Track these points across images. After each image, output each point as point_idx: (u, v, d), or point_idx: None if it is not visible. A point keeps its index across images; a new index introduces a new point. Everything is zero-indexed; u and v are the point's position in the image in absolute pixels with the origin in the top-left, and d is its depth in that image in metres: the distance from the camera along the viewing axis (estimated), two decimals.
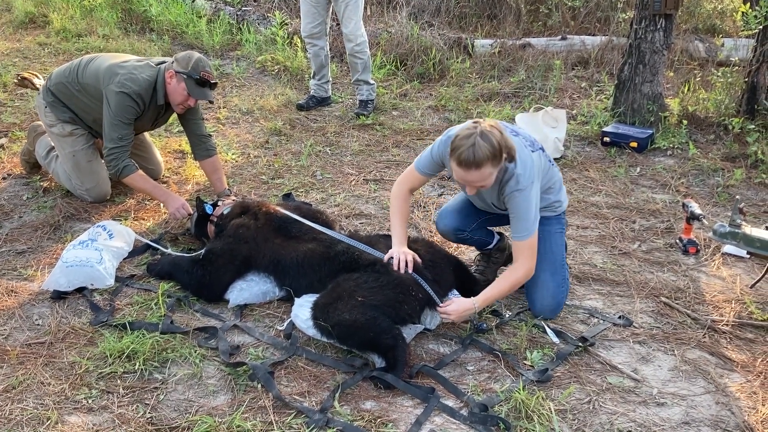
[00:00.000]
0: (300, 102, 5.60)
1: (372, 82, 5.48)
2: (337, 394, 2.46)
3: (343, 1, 5.13)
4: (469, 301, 2.75)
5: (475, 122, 2.63)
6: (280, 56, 6.49)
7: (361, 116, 5.33)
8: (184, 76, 3.53)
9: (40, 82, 4.04)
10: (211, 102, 3.75)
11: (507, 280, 2.82)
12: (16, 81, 4.13)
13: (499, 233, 3.26)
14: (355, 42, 5.27)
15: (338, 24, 5.68)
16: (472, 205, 3.11)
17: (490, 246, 3.22)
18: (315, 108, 5.59)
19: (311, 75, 5.67)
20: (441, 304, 2.76)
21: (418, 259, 2.84)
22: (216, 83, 3.64)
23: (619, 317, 2.98)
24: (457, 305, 2.74)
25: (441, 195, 4.16)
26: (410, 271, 2.78)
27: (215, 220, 3.39)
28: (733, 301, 3.12)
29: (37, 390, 2.49)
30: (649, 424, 2.38)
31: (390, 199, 3.02)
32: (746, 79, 4.93)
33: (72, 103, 3.74)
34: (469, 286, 3.00)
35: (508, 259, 3.31)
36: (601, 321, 2.97)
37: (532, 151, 2.78)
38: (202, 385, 2.55)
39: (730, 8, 7.05)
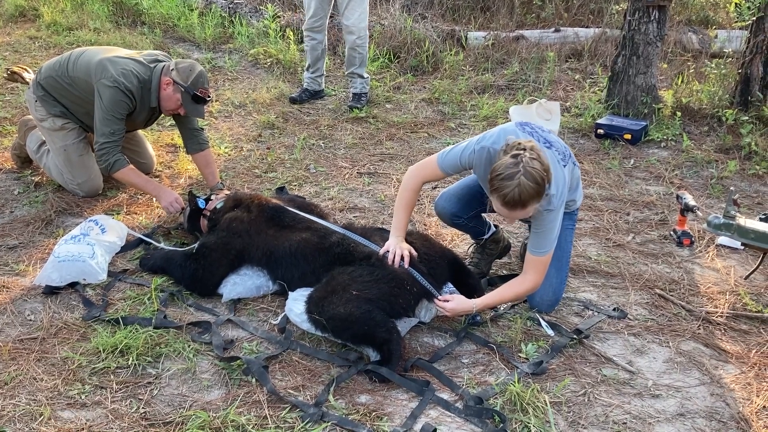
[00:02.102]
0: (293, 95, 5.55)
1: (366, 75, 5.45)
2: (331, 388, 2.45)
3: None
4: (470, 303, 2.74)
5: (515, 155, 2.45)
6: (273, 49, 6.46)
7: (354, 109, 5.31)
8: (182, 89, 3.51)
9: (30, 76, 4.01)
10: (202, 118, 3.74)
11: (512, 289, 2.79)
12: (5, 75, 4.11)
13: (495, 225, 3.25)
14: (358, 35, 5.20)
15: (331, 16, 5.63)
16: (474, 193, 3.06)
17: (485, 236, 3.22)
18: (308, 101, 5.56)
19: (305, 67, 5.62)
20: (440, 297, 2.76)
21: (414, 254, 2.83)
22: (211, 99, 3.65)
23: (614, 309, 2.98)
24: (456, 303, 2.73)
25: (435, 188, 4.15)
26: (406, 266, 2.76)
27: (208, 214, 3.37)
28: (727, 293, 3.12)
29: (29, 386, 2.47)
30: (644, 416, 2.38)
31: (400, 187, 2.93)
32: (740, 71, 4.94)
33: (62, 97, 3.70)
34: (465, 280, 2.99)
35: (503, 252, 3.31)
36: (596, 313, 2.97)
37: (564, 166, 2.71)
38: (196, 379, 2.54)
39: (723, 0, 7.05)
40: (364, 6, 5.16)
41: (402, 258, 2.77)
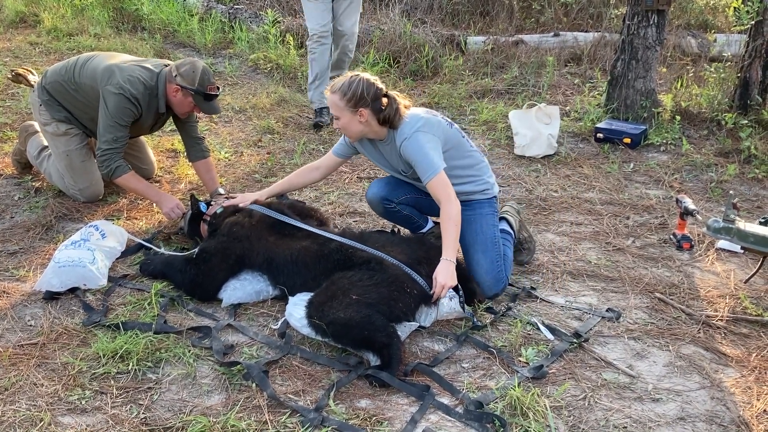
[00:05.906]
0: (316, 120, 5.15)
1: None
2: (331, 393, 2.45)
3: None
4: (444, 262, 2.79)
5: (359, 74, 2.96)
6: (273, 54, 6.47)
7: None
8: (191, 93, 3.50)
9: (34, 78, 4.00)
10: (219, 113, 3.76)
11: (448, 223, 2.84)
12: (10, 77, 4.10)
13: (435, 222, 3.32)
14: (351, 40, 5.21)
15: None
16: (402, 179, 3.22)
17: (423, 229, 3.33)
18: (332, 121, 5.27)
19: (311, 81, 5.16)
20: (432, 293, 2.77)
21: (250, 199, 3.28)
22: (221, 91, 3.67)
23: (607, 310, 2.99)
24: (441, 274, 2.76)
25: None
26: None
27: (208, 219, 3.37)
28: (727, 297, 3.12)
29: (29, 391, 2.47)
30: (645, 420, 2.38)
31: None
32: (739, 75, 4.95)
33: (67, 102, 3.71)
34: (465, 284, 2.98)
35: None
36: (591, 316, 2.97)
37: (433, 116, 3.02)
38: (196, 384, 2.54)
39: (723, 4, 7.06)
40: (358, 13, 5.19)
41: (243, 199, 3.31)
